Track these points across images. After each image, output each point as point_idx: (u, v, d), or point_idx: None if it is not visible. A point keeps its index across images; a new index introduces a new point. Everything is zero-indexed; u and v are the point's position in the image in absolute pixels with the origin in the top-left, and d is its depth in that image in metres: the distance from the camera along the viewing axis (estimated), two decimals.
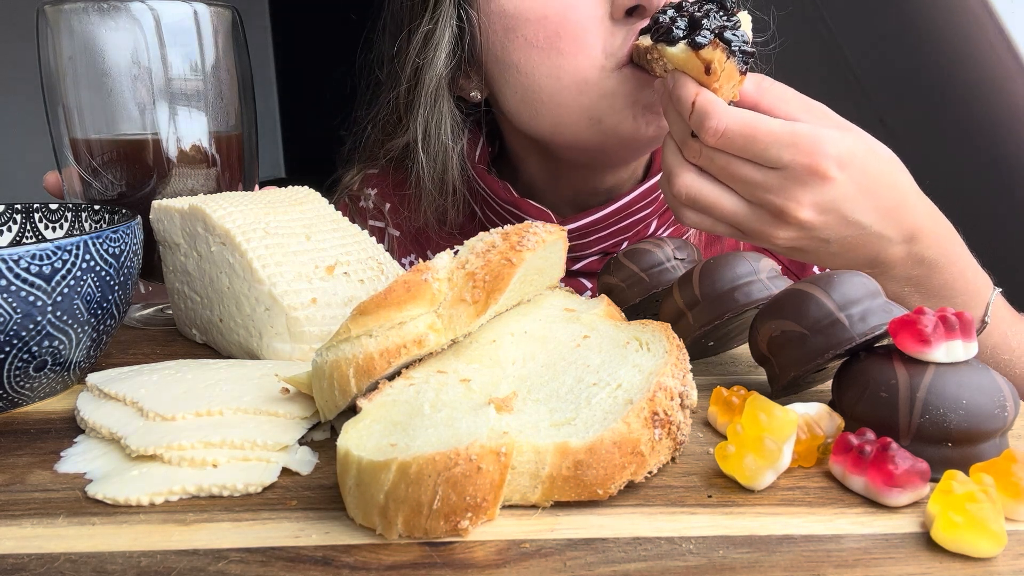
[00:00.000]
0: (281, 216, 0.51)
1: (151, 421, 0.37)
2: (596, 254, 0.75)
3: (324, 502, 0.33)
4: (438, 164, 0.72)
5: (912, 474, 0.32)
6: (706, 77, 0.50)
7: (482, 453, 0.29)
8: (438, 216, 0.76)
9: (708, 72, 0.50)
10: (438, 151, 0.72)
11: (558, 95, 0.64)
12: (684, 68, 0.51)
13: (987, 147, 0.79)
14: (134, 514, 0.32)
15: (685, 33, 0.51)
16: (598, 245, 0.74)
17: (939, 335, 0.34)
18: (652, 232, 0.75)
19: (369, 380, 0.35)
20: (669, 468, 0.35)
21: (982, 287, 0.57)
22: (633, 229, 0.74)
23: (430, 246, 0.82)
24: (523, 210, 0.72)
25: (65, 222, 0.55)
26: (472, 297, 0.37)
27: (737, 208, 0.52)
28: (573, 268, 0.75)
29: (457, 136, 0.72)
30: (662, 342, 0.39)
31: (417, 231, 0.82)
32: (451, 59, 0.68)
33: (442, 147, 0.72)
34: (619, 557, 0.29)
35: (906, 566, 0.28)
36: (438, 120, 0.71)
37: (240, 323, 0.49)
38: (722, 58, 0.49)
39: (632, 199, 0.71)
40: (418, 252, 0.82)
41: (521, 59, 0.64)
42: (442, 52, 0.68)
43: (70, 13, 0.54)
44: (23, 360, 0.40)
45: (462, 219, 0.78)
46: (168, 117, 0.56)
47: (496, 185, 0.73)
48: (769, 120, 0.49)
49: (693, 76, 0.51)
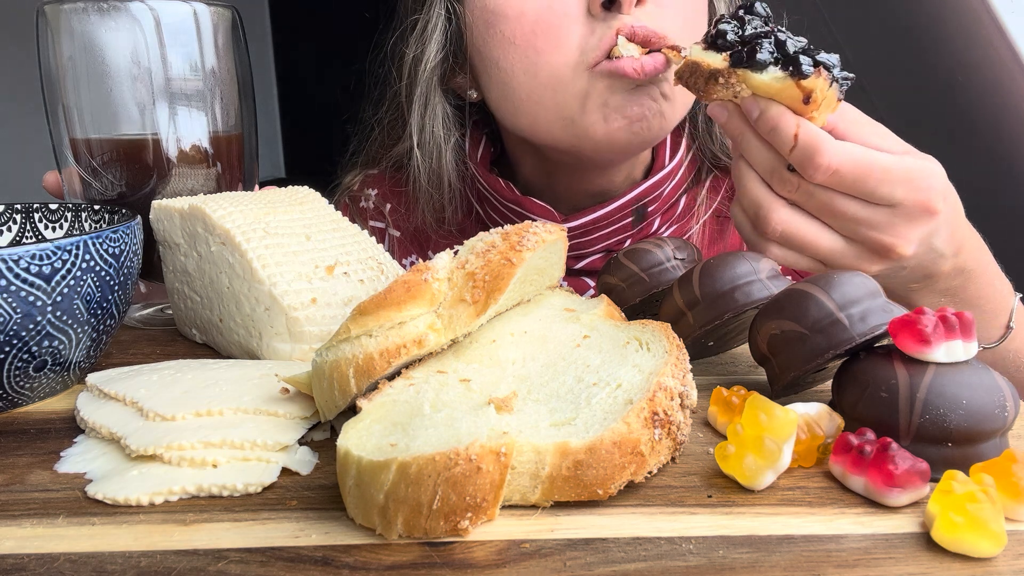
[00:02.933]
0: (281, 216, 0.51)
1: (151, 421, 0.37)
2: (599, 252, 0.75)
3: (324, 502, 0.33)
4: (432, 159, 0.72)
5: (912, 474, 0.32)
6: (803, 106, 0.45)
7: (482, 453, 0.29)
8: (436, 215, 0.76)
9: (807, 101, 0.45)
10: (432, 147, 0.72)
11: (534, 93, 0.64)
12: (776, 96, 0.46)
13: (987, 147, 0.79)
14: (134, 514, 0.32)
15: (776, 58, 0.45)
16: (600, 243, 0.74)
17: (939, 335, 0.34)
18: (655, 230, 0.75)
19: (369, 380, 0.35)
20: (669, 468, 0.35)
21: (1007, 293, 0.58)
22: (636, 227, 0.74)
23: (430, 246, 0.82)
24: (526, 208, 0.73)
25: (65, 222, 0.55)
26: (472, 297, 0.37)
27: (834, 245, 0.49)
28: (576, 267, 0.75)
29: (449, 131, 0.72)
30: (662, 342, 0.39)
31: (417, 231, 0.82)
32: (440, 51, 0.69)
33: (435, 142, 0.72)
34: (619, 557, 0.29)
35: (906, 566, 0.28)
36: (431, 114, 0.71)
37: (240, 323, 0.49)
38: (824, 87, 0.45)
39: (634, 196, 0.71)
40: (419, 253, 0.83)
41: (500, 55, 0.64)
42: (433, 44, 0.68)
43: (70, 13, 0.54)
44: (23, 360, 0.40)
45: (460, 217, 0.78)
46: (168, 117, 0.56)
47: (499, 184, 0.74)
48: (881, 156, 0.46)
49: (786, 104, 0.46)
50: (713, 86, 0.49)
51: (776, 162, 0.49)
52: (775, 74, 0.45)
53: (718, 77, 0.48)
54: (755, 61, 0.46)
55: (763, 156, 0.49)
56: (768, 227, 0.49)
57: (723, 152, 0.76)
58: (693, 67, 0.50)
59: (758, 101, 0.47)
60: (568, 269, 0.75)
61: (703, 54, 0.49)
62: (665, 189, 0.73)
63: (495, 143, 0.80)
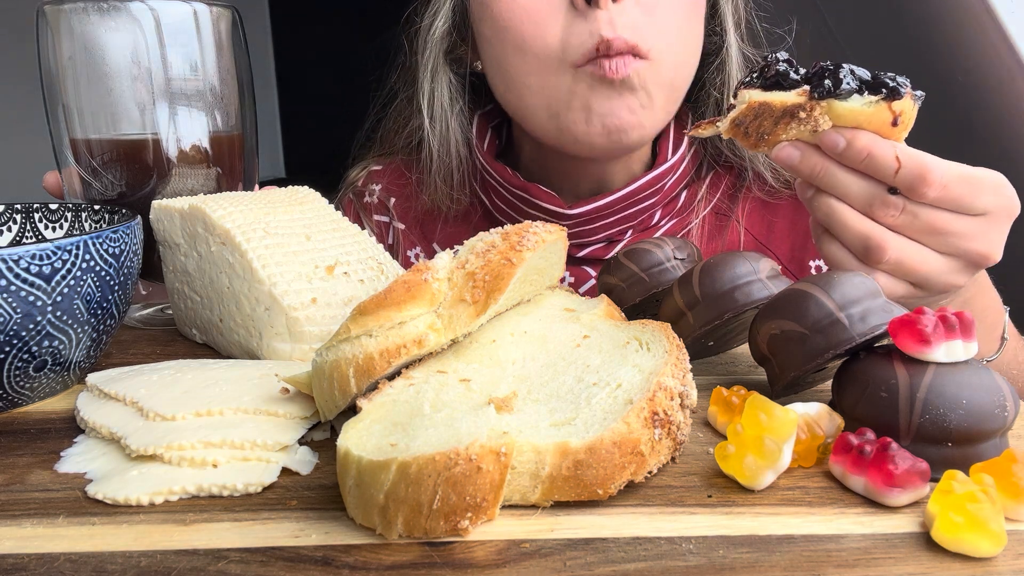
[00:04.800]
0: (281, 216, 0.51)
1: (151, 421, 0.37)
2: (601, 241, 0.76)
3: (324, 502, 0.33)
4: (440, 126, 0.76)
5: (912, 474, 0.32)
6: (891, 129, 0.45)
7: (482, 453, 0.29)
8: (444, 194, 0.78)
9: (895, 123, 0.45)
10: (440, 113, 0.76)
11: (522, 76, 0.67)
12: (864, 123, 0.45)
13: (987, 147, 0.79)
14: (134, 514, 0.32)
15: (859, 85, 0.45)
16: (603, 232, 0.75)
17: (939, 335, 0.34)
18: (656, 222, 0.76)
19: (369, 380, 0.35)
20: (669, 468, 0.35)
21: (1000, 306, 0.59)
22: (638, 218, 0.75)
23: (436, 238, 0.83)
24: (532, 194, 0.74)
25: (65, 222, 0.55)
26: (472, 297, 0.37)
27: (937, 263, 0.48)
28: (578, 255, 0.76)
29: (454, 100, 0.76)
30: (662, 342, 0.39)
31: (422, 223, 0.83)
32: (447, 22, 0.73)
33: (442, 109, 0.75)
34: (619, 557, 0.29)
35: (906, 566, 0.28)
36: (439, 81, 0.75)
37: (240, 323, 0.49)
38: (911, 106, 0.45)
39: (639, 187, 0.73)
40: (424, 244, 0.84)
41: (492, 34, 0.68)
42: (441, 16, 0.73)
43: (70, 13, 0.54)
44: (23, 360, 0.40)
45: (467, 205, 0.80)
46: (168, 117, 0.56)
47: (505, 172, 0.75)
48: (971, 168, 0.47)
49: (873, 130, 0.45)
50: (785, 126, 0.48)
51: (874, 189, 0.47)
52: (864, 100, 0.45)
53: (797, 113, 0.47)
54: (841, 90, 0.45)
55: (857, 186, 0.47)
56: (883, 257, 0.47)
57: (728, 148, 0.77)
58: (760, 109, 0.48)
59: (842, 132, 0.46)
60: (570, 257, 0.76)
61: (768, 95, 0.47)
62: (667, 183, 0.75)
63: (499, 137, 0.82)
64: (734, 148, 0.77)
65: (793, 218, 0.79)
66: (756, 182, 0.78)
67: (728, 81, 0.74)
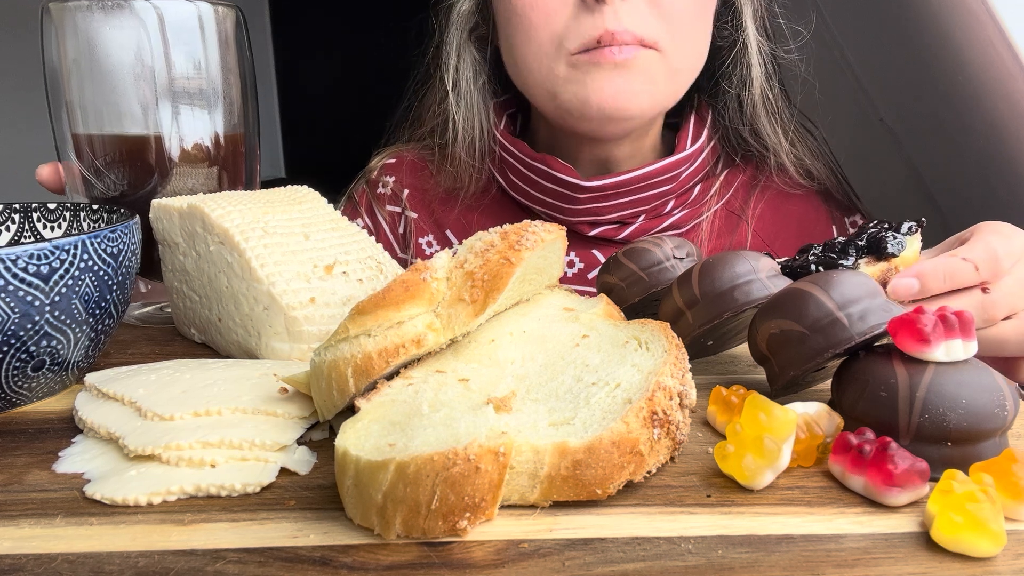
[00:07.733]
0: (280, 215, 0.51)
1: (149, 421, 0.37)
2: (613, 222, 0.77)
3: (322, 502, 0.33)
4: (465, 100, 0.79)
5: (912, 474, 0.32)
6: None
7: (480, 453, 0.29)
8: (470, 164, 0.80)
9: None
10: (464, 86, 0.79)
11: (529, 57, 0.70)
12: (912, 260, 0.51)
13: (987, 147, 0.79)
14: (132, 514, 0.32)
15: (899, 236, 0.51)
16: (615, 212, 0.76)
17: (939, 334, 0.34)
18: (668, 211, 0.77)
19: (367, 380, 0.35)
20: (668, 468, 0.35)
21: None
22: (651, 203, 0.76)
23: (448, 225, 0.84)
24: (550, 165, 0.75)
25: (63, 222, 0.55)
26: (471, 297, 0.37)
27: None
28: (589, 233, 0.77)
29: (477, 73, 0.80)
30: (661, 341, 0.39)
31: (435, 210, 0.85)
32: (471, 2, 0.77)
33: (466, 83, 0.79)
34: (618, 557, 0.29)
35: (906, 566, 0.28)
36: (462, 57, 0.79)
37: (239, 322, 0.49)
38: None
39: (655, 170, 0.73)
40: (436, 232, 0.85)
41: (504, 19, 0.72)
42: None
43: (74, 11, 0.54)
44: (21, 360, 0.40)
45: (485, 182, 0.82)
46: (171, 116, 0.57)
47: (523, 146, 0.77)
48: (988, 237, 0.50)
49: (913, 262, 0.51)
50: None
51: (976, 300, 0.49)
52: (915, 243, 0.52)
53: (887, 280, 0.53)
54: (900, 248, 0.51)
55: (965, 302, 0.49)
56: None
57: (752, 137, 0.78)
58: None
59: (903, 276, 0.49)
60: (581, 237, 0.78)
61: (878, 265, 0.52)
62: (683, 172, 0.76)
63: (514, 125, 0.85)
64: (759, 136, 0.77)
65: (803, 217, 0.79)
66: (778, 173, 0.78)
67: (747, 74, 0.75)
